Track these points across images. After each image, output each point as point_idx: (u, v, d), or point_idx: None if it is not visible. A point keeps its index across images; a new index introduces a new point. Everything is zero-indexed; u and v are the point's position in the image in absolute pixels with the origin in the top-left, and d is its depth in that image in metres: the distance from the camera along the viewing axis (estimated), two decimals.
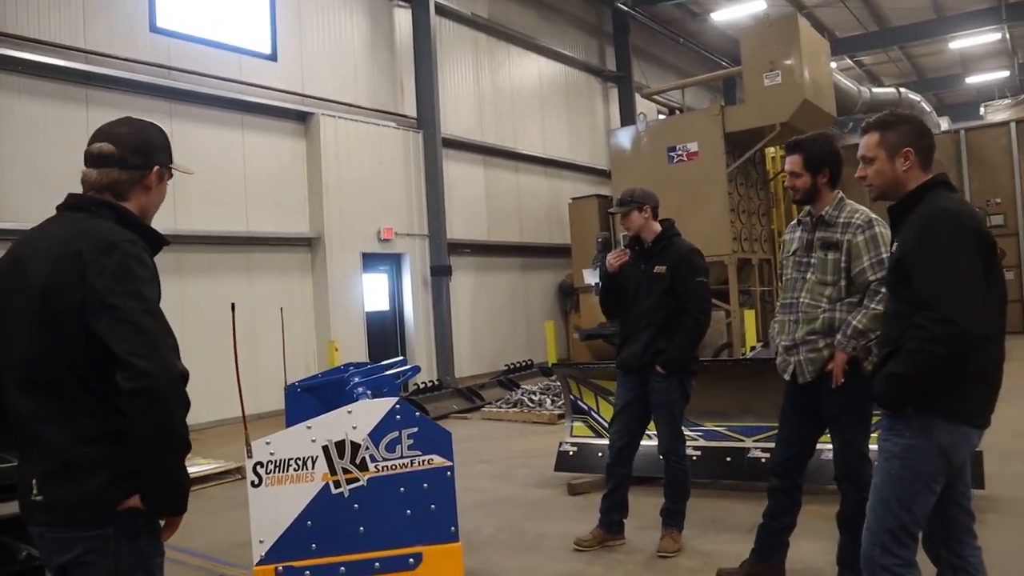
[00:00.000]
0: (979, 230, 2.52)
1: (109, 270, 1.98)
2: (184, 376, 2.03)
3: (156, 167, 2.24)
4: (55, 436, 2.02)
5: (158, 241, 2.24)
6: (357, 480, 4.03)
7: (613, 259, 4.78)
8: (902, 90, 18.50)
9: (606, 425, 6.44)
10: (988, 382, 2.61)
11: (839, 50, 23.05)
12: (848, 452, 3.61)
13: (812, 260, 3.65)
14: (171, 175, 2.32)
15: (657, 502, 4.88)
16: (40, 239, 2.11)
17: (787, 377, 3.74)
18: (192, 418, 2.40)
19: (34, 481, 2.05)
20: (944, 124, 18.61)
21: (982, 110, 19.39)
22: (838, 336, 3.51)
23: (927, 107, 18.05)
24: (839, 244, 3.56)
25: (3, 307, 2.11)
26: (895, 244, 2.75)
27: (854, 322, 3.48)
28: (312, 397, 5.32)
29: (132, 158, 2.19)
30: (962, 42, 22.68)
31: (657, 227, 4.78)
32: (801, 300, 3.65)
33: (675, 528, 4.75)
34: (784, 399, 3.86)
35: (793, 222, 3.93)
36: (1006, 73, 25.81)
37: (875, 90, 17.94)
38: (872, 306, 3.42)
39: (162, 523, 2.17)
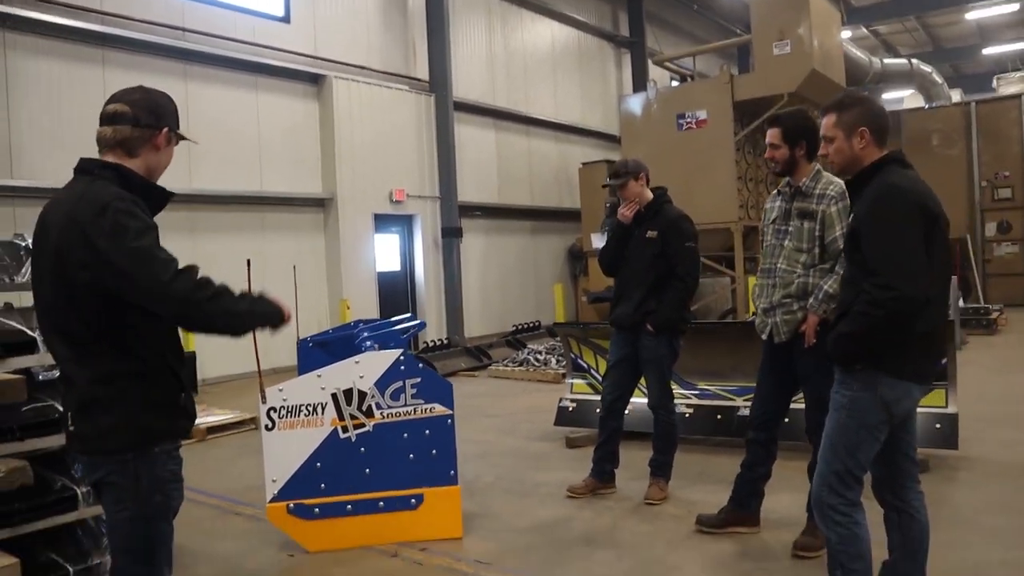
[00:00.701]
0: (923, 204, 2.73)
1: (106, 230, 2.20)
2: (188, 289, 2.23)
3: (166, 129, 2.44)
4: (79, 376, 2.31)
5: (163, 196, 2.46)
6: (363, 426, 4.35)
7: (627, 211, 4.97)
8: (914, 61, 18.37)
9: None
10: (930, 342, 2.85)
11: (855, 19, 22.85)
12: (818, 408, 3.84)
13: (789, 228, 3.88)
14: (179, 141, 2.52)
15: (648, 455, 5.16)
16: (59, 203, 2.37)
17: (764, 337, 3.98)
18: (207, 372, 2.68)
19: (69, 415, 2.36)
20: (956, 96, 18.53)
21: (994, 82, 19.27)
22: (811, 300, 3.76)
23: (938, 79, 17.94)
24: (814, 214, 3.79)
25: (36, 264, 2.41)
26: (851, 216, 2.98)
27: (825, 287, 3.72)
28: (323, 351, 5.56)
29: (144, 117, 2.40)
30: (979, 12, 22.41)
31: (650, 194, 5.01)
32: (778, 266, 3.88)
33: (662, 478, 5.04)
34: (762, 358, 4.11)
35: (774, 192, 4.15)
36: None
37: (886, 60, 17.83)
38: (842, 272, 3.65)
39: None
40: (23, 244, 3.75)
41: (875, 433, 2.82)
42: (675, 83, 18.12)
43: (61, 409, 3.34)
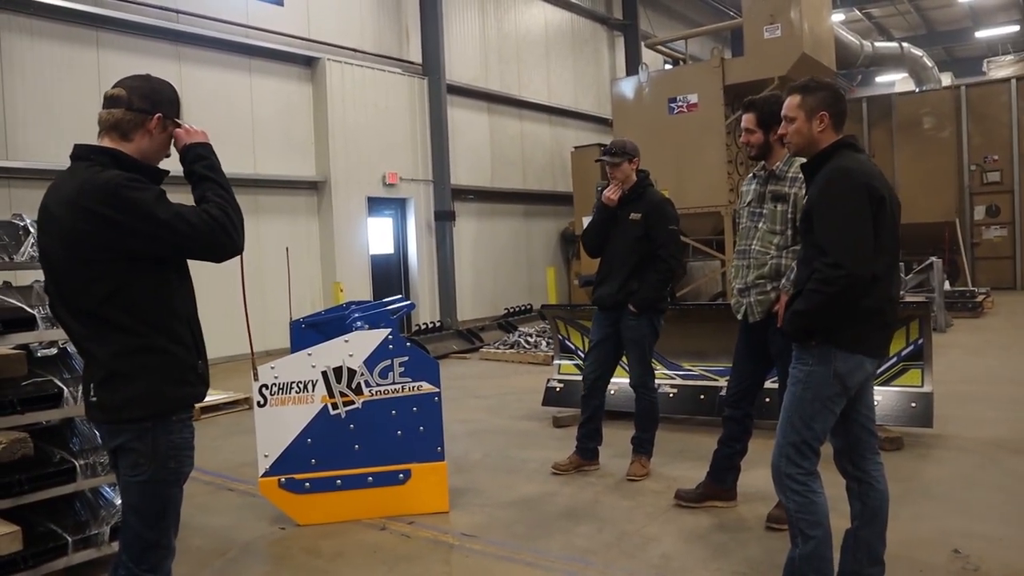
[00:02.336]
0: (870, 186, 2.86)
1: (122, 208, 2.32)
2: (212, 222, 2.44)
3: (159, 115, 2.52)
4: (100, 352, 2.44)
5: (157, 175, 2.56)
6: (353, 403, 4.48)
7: (612, 193, 5.08)
8: (904, 44, 18.39)
9: None
10: (881, 317, 2.98)
11: (847, 2, 22.89)
12: None
13: (764, 211, 4.00)
14: (175, 127, 2.58)
15: (630, 434, 5.30)
16: (58, 190, 2.48)
17: (739, 317, 4.12)
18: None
19: (91, 386, 2.49)
20: (947, 79, 18.57)
21: (985, 66, 19.34)
22: (783, 280, 3.88)
23: (929, 62, 17.96)
24: (787, 197, 3.91)
25: (43, 249, 2.52)
26: (806, 198, 3.12)
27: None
28: (316, 332, 5.67)
29: (138, 102, 2.49)
30: None
31: (634, 177, 5.11)
32: (753, 247, 4.01)
33: (644, 455, 5.19)
34: (738, 337, 4.25)
35: (749, 175, 4.27)
36: (1017, 27, 25.56)
37: (877, 44, 17.86)
38: (799, 252, 3.76)
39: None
40: (21, 224, 3.85)
41: (830, 405, 2.96)
42: (668, 66, 18.16)
43: (72, 383, 3.50)
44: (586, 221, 14.65)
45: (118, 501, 3.90)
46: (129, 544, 2.54)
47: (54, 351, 3.93)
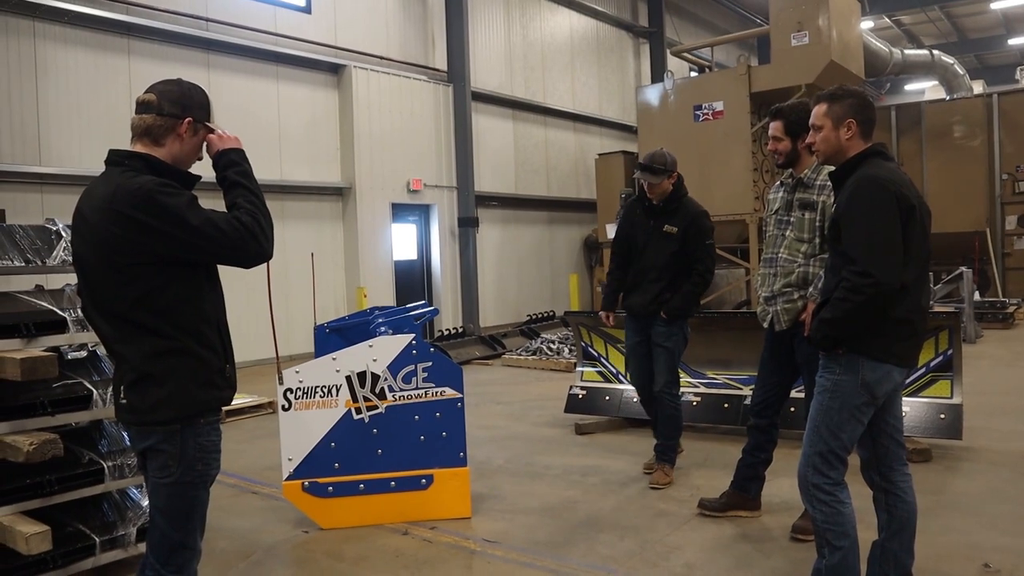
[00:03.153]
0: (899, 195, 2.83)
1: (156, 215, 2.35)
2: (243, 230, 2.47)
3: (189, 119, 2.55)
4: (131, 354, 2.46)
5: (189, 180, 2.60)
6: (376, 407, 4.50)
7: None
8: (935, 52, 18.18)
9: (615, 371, 6.85)
10: (910, 327, 2.94)
11: (877, 9, 22.68)
12: None
13: (791, 219, 3.97)
14: (207, 131, 2.62)
15: (653, 441, 5.28)
16: (92, 195, 2.51)
17: (766, 325, 4.09)
18: None
19: (121, 388, 2.52)
20: (978, 88, 18.33)
21: (1018, 74, 19.06)
22: (811, 288, 3.85)
23: (960, 70, 17.73)
24: (815, 204, 3.88)
25: (76, 252, 2.56)
26: (834, 206, 3.09)
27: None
28: (339, 337, 5.70)
29: (168, 107, 2.52)
30: (1005, 2, 22.13)
31: (670, 188, 5.10)
32: (780, 255, 3.98)
33: (667, 463, 5.16)
34: (764, 345, 4.22)
35: (776, 183, 4.24)
36: None
37: (907, 51, 17.66)
38: (827, 260, 3.74)
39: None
40: (54, 229, 3.91)
41: (858, 415, 2.93)
42: (693, 74, 18.11)
43: (102, 386, 3.56)
44: (610, 229, 14.63)
45: (145, 503, 3.94)
46: (156, 545, 2.56)
47: (84, 354, 3.98)
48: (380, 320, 5.53)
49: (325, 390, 4.48)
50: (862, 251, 2.81)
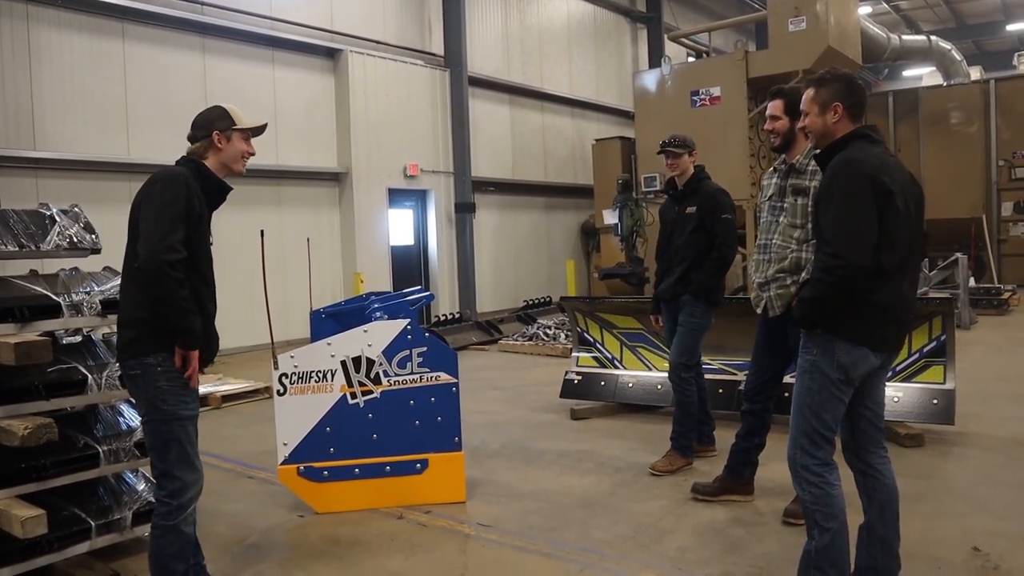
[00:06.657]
0: (875, 179, 2.83)
1: (147, 191, 3.04)
2: (169, 262, 2.88)
3: (215, 132, 3.20)
4: (123, 299, 3.12)
5: (221, 187, 3.27)
6: (371, 392, 4.51)
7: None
8: (932, 37, 18.11)
9: (610, 357, 6.87)
10: (890, 313, 2.95)
11: None
12: None
13: (784, 205, 3.98)
14: (248, 133, 3.36)
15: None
16: None
17: (759, 311, 4.09)
18: (223, 343, 3.24)
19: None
20: (975, 74, 18.28)
21: (1015, 60, 19.02)
22: (803, 274, 3.85)
23: (957, 56, 17.67)
24: (807, 190, 3.88)
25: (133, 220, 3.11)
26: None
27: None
28: (335, 322, 5.72)
29: (197, 132, 3.23)
30: None
31: (692, 170, 5.19)
32: (773, 241, 3.98)
33: (676, 452, 5.15)
34: (758, 331, 4.24)
35: (770, 169, 4.24)
36: None
37: (905, 37, 17.60)
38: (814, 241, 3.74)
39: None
40: (48, 213, 3.91)
41: (837, 393, 2.95)
42: (691, 59, 18.04)
43: (96, 370, 3.77)
44: (606, 214, 14.61)
45: (140, 487, 3.97)
46: (154, 473, 3.12)
47: (79, 338, 3.98)
48: (376, 305, 5.53)
49: (320, 375, 4.49)
50: (833, 233, 2.85)
